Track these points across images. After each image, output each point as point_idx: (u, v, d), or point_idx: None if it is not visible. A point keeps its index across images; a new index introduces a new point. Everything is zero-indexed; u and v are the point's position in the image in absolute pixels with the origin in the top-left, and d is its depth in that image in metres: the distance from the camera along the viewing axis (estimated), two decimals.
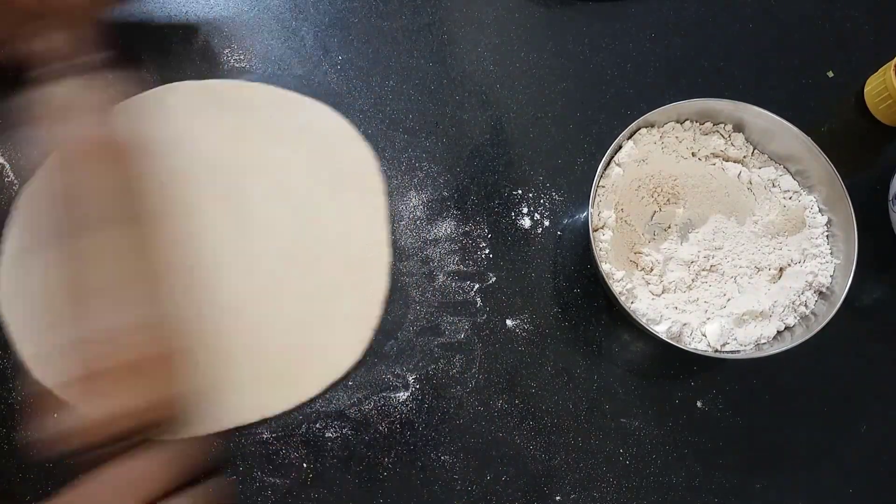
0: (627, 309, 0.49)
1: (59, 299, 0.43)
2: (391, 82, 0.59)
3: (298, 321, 0.52)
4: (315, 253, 0.54)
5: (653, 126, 0.54)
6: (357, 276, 0.54)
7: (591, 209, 0.50)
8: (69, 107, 0.45)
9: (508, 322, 0.54)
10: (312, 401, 0.51)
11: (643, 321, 0.49)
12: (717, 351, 0.50)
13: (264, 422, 0.51)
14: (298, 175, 0.55)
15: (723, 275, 0.53)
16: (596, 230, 0.51)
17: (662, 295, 0.52)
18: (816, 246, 0.52)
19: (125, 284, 0.44)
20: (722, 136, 0.55)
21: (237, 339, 0.52)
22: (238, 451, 0.50)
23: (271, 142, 0.56)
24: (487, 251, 0.55)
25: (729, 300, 0.52)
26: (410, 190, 0.56)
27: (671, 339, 0.49)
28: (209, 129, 0.56)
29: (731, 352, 0.50)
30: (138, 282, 0.44)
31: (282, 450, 0.50)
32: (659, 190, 0.55)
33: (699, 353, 0.49)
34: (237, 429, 0.50)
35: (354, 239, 0.54)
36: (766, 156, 0.55)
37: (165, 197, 0.53)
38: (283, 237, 0.54)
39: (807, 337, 0.48)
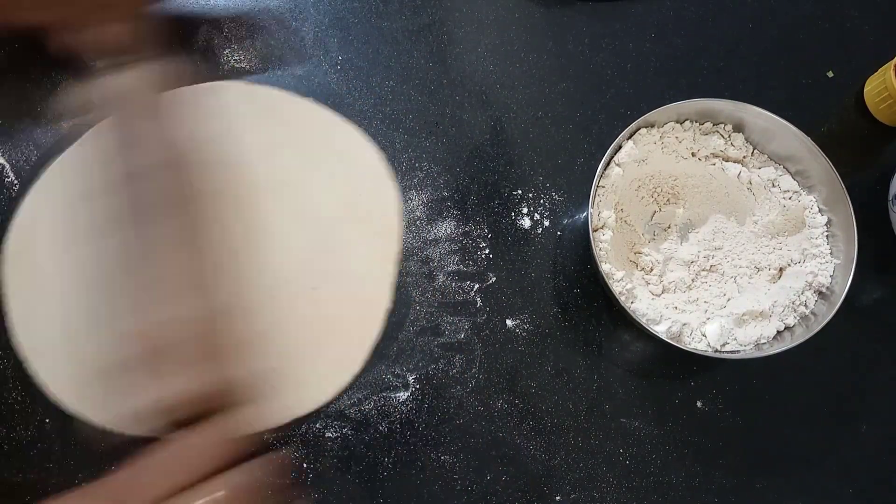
0: (627, 309, 0.49)
1: (114, 293, 0.42)
2: (391, 82, 0.59)
3: (305, 330, 0.52)
4: (323, 272, 0.54)
5: (653, 126, 0.54)
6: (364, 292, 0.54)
7: (591, 209, 0.50)
8: (127, 96, 0.44)
9: (508, 322, 0.54)
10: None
11: (643, 321, 0.49)
12: (717, 351, 0.50)
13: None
14: (320, 197, 0.55)
15: (723, 275, 0.53)
16: (596, 230, 0.51)
17: (662, 295, 0.53)
18: (816, 246, 0.52)
19: (182, 276, 0.43)
20: (722, 136, 0.55)
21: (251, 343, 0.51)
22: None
23: (301, 159, 0.56)
24: (487, 251, 0.55)
25: (729, 300, 0.52)
26: (410, 190, 0.56)
27: (671, 339, 0.49)
28: (246, 134, 0.56)
29: (731, 352, 0.50)
30: (194, 274, 0.44)
31: (282, 450, 0.50)
32: (659, 190, 0.55)
33: (699, 353, 0.49)
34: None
35: (362, 273, 0.54)
36: (766, 156, 0.55)
37: (207, 191, 0.53)
38: (296, 251, 0.54)
39: (807, 337, 0.48)
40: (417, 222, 0.56)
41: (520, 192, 0.57)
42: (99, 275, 0.46)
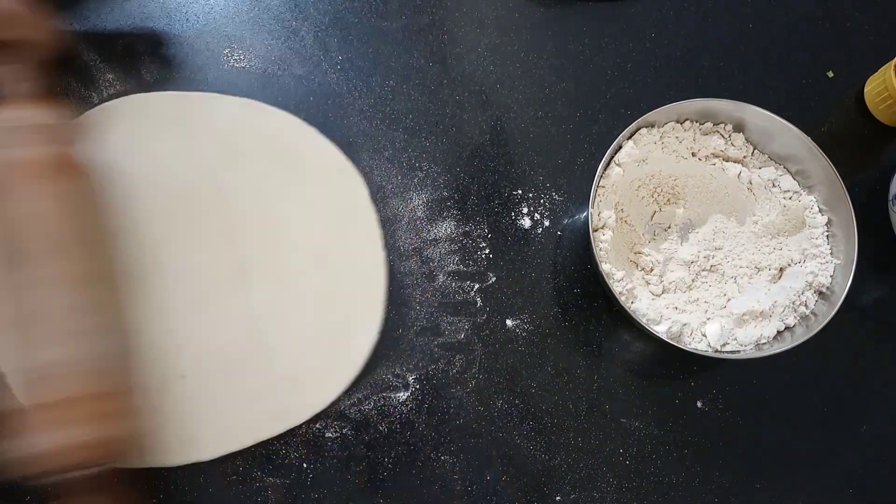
0: (627, 309, 0.49)
1: (11, 328, 0.42)
2: (391, 82, 0.59)
3: (297, 341, 0.52)
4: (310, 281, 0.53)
5: (653, 126, 0.54)
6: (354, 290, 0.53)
7: (591, 209, 0.50)
8: (10, 130, 0.44)
9: (508, 322, 0.54)
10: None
11: (643, 321, 0.49)
12: (717, 351, 0.50)
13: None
14: (274, 190, 0.54)
15: (723, 275, 0.53)
16: (596, 230, 0.51)
17: (662, 295, 0.52)
18: (816, 246, 0.52)
19: (75, 315, 0.43)
20: (722, 136, 0.55)
21: (241, 363, 0.51)
22: (238, 451, 0.50)
23: (242, 159, 0.55)
24: (487, 251, 0.55)
25: (729, 300, 0.52)
26: (410, 190, 0.56)
27: (671, 339, 0.49)
28: (166, 144, 0.55)
29: (731, 352, 0.50)
30: (91, 313, 0.44)
31: (282, 450, 0.50)
32: (659, 190, 0.55)
33: (699, 353, 0.49)
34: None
35: (349, 262, 0.54)
36: (766, 156, 0.55)
37: (123, 221, 0.52)
38: (271, 256, 0.53)
39: (807, 337, 0.48)
40: (417, 222, 0.56)
41: (520, 192, 0.57)
42: None
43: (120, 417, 0.44)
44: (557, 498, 0.51)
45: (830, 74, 0.62)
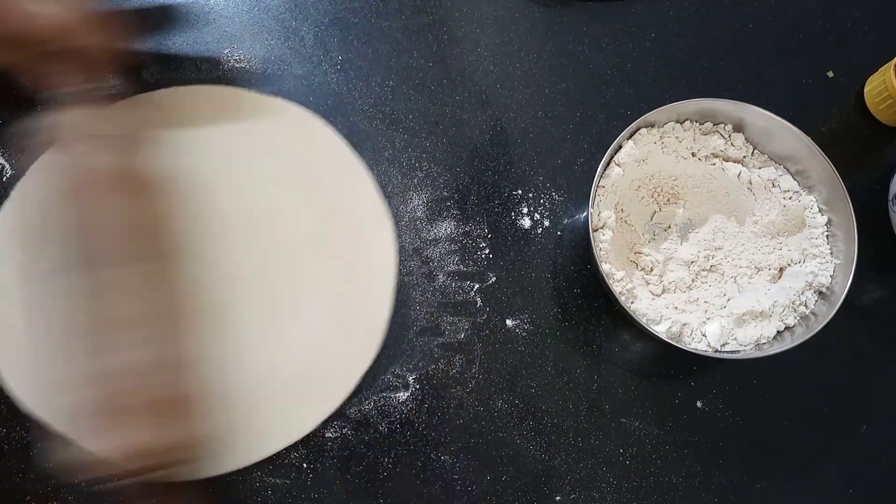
0: (627, 309, 0.49)
1: (74, 332, 0.42)
2: (391, 82, 0.59)
3: (307, 346, 0.52)
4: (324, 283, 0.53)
5: (653, 126, 0.54)
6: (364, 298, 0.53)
7: (591, 209, 0.50)
8: (81, 135, 0.45)
9: (508, 322, 0.54)
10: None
11: (643, 321, 0.49)
12: (717, 351, 0.50)
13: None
14: (303, 211, 0.55)
15: (723, 275, 0.53)
16: (596, 230, 0.51)
17: (662, 295, 0.52)
18: (816, 246, 0.52)
19: (145, 321, 0.43)
20: (722, 136, 0.55)
21: (251, 371, 0.51)
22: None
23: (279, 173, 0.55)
24: (487, 251, 0.55)
25: (729, 300, 0.52)
26: (410, 190, 0.56)
27: (671, 339, 0.49)
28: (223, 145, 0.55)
29: (731, 352, 0.50)
30: (159, 319, 0.44)
31: (282, 450, 0.50)
32: (659, 190, 0.55)
33: (699, 353, 0.49)
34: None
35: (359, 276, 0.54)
36: (766, 156, 0.55)
37: (186, 231, 0.52)
38: (295, 268, 0.53)
39: (807, 337, 0.48)
40: (417, 222, 0.56)
41: (520, 192, 0.57)
42: (56, 314, 0.46)
43: (184, 425, 0.44)
44: (557, 498, 0.51)
45: (830, 74, 0.62)
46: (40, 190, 0.52)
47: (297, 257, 0.53)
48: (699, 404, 0.54)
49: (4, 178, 0.54)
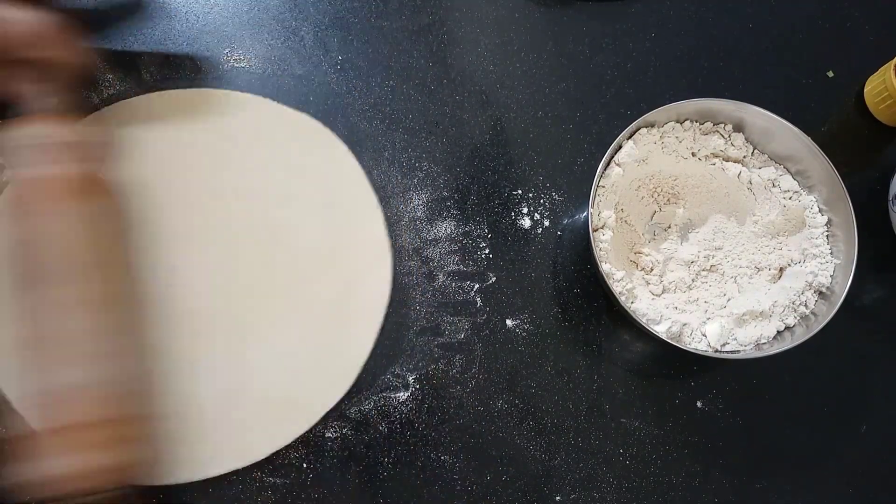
0: (627, 309, 0.49)
1: (27, 349, 0.42)
2: (391, 82, 0.59)
3: (296, 349, 0.52)
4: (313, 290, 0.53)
5: (653, 126, 0.54)
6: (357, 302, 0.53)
7: (591, 209, 0.50)
8: (38, 147, 0.44)
9: (508, 322, 0.54)
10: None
11: (643, 321, 0.49)
12: (717, 351, 0.50)
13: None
14: (298, 216, 0.54)
15: (723, 275, 0.53)
16: (596, 230, 0.51)
17: (662, 295, 0.52)
18: (816, 246, 0.52)
19: (93, 338, 0.43)
20: (722, 136, 0.55)
21: (250, 373, 0.51)
22: None
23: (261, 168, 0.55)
24: (487, 251, 0.55)
25: (729, 300, 0.52)
26: (410, 190, 0.56)
27: (671, 339, 0.49)
28: (189, 147, 0.54)
29: (731, 352, 0.50)
30: (109, 336, 0.43)
31: (282, 450, 0.50)
32: (659, 190, 0.55)
33: (699, 353, 0.49)
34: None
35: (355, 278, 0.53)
36: (766, 156, 0.55)
37: (142, 240, 0.51)
38: (276, 269, 0.53)
39: (807, 337, 0.48)
40: (417, 222, 0.56)
41: (520, 192, 0.57)
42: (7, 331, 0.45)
43: (137, 442, 0.44)
44: (557, 498, 0.51)
45: (830, 74, 0.62)
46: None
47: (278, 262, 0.53)
48: (699, 404, 0.54)
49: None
